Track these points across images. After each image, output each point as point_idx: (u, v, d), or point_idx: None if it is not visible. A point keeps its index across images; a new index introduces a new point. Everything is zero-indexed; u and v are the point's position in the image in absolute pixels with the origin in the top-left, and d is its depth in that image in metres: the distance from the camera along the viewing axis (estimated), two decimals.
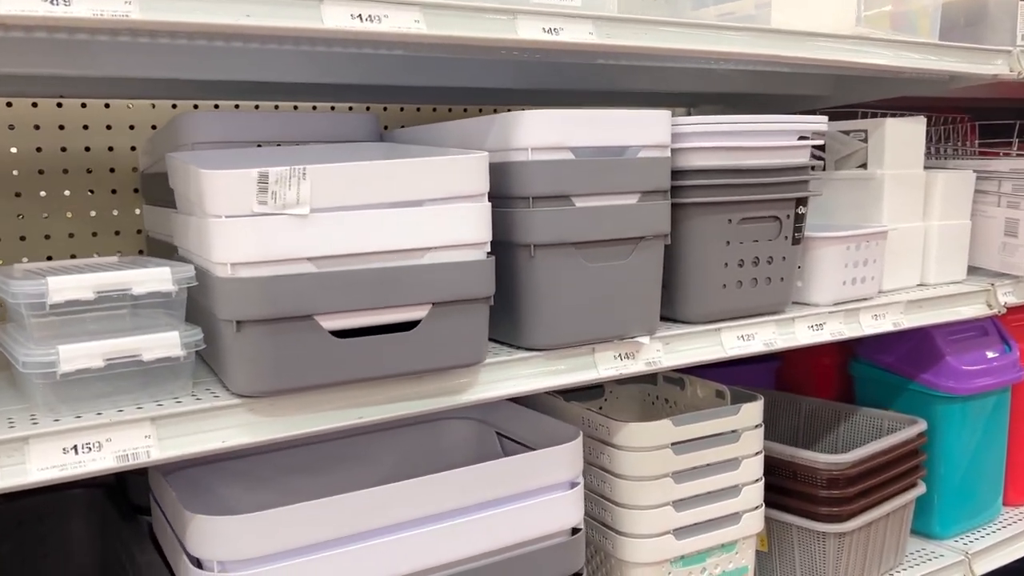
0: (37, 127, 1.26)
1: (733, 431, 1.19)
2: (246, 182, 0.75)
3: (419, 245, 0.83)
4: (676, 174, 1.06)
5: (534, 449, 1.18)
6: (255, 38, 0.86)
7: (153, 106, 1.34)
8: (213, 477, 1.11)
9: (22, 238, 1.26)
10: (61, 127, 1.28)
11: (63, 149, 1.28)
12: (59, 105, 1.28)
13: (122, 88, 1.26)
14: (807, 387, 1.68)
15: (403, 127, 1.23)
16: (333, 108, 1.39)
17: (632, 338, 1.02)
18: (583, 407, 1.22)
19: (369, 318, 0.82)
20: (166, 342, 0.78)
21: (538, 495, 1.00)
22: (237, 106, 1.37)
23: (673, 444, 1.14)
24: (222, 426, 0.79)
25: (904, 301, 1.30)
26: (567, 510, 1.02)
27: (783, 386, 1.73)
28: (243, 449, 0.81)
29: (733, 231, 1.10)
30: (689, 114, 1.88)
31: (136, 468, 0.75)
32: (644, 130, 0.98)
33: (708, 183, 1.07)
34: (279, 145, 1.10)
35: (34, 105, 1.26)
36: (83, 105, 1.29)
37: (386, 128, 1.36)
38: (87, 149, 1.30)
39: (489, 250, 0.89)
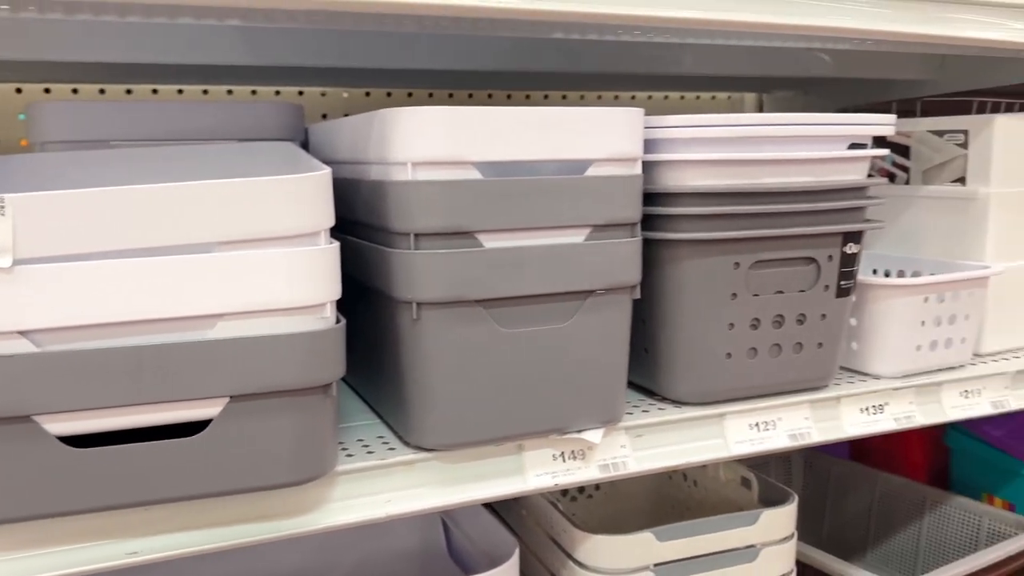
0: None
1: (749, 547, 0.86)
2: None
3: (203, 311, 0.55)
4: (658, 198, 0.74)
5: (474, 548, 0.90)
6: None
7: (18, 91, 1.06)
8: None
9: None
10: None
11: None
12: None
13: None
14: (891, 454, 1.32)
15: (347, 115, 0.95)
16: (255, 92, 1.11)
17: (576, 432, 0.71)
18: (551, 495, 0.92)
19: (125, 418, 0.55)
20: None
21: None
22: (129, 90, 1.08)
23: (657, 565, 0.83)
24: None
25: (1012, 372, 0.93)
26: None
27: (859, 450, 1.36)
28: None
29: (743, 279, 0.76)
30: (760, 104, 1.52)
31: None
32: (595, 136, 0.66)
33: (705, 211, 0.73)
34: (153, 143, 0.85)
35: None
36: None
37: (324, 117, 1.09)
38: None
39: (335, 314, 0.61)
